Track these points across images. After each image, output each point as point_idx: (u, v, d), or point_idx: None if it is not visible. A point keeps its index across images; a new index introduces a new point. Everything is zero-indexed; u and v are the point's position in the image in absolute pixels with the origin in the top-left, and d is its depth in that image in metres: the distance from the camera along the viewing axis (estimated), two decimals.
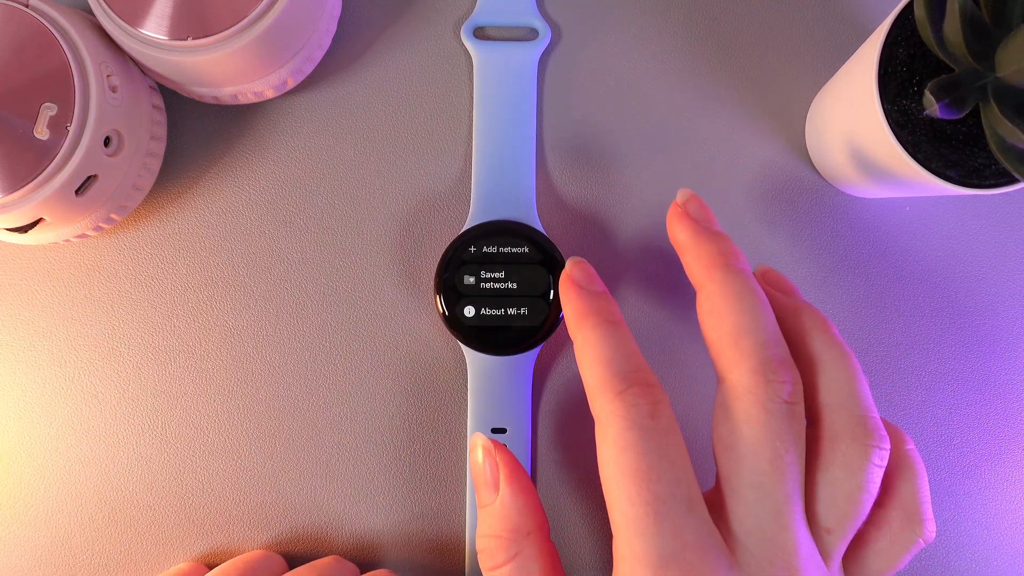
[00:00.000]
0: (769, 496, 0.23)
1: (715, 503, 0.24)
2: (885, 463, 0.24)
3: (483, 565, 0.26)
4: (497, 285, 0.31)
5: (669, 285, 0.34)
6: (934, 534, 0.25)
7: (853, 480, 0.24)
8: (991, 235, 0.35)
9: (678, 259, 0.34)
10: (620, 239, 0.34)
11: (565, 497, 0.34)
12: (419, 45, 0.35)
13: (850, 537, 0.24)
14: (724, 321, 0.25)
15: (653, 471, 0.22)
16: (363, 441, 0.34)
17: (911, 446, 0.26)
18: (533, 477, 0.34)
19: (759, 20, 0.35)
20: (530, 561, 0.25)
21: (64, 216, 0.30)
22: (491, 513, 0.26)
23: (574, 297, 0.27)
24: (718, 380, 0.25)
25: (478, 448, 0.27)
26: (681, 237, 0.27)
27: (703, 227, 0.27)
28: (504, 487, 0.26)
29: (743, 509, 0.23)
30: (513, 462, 0.26)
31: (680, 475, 0.22)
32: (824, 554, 0.24)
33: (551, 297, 0.31)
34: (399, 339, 0.34)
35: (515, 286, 0.31)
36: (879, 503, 0.25)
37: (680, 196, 0.28)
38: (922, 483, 0.26)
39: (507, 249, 0.32)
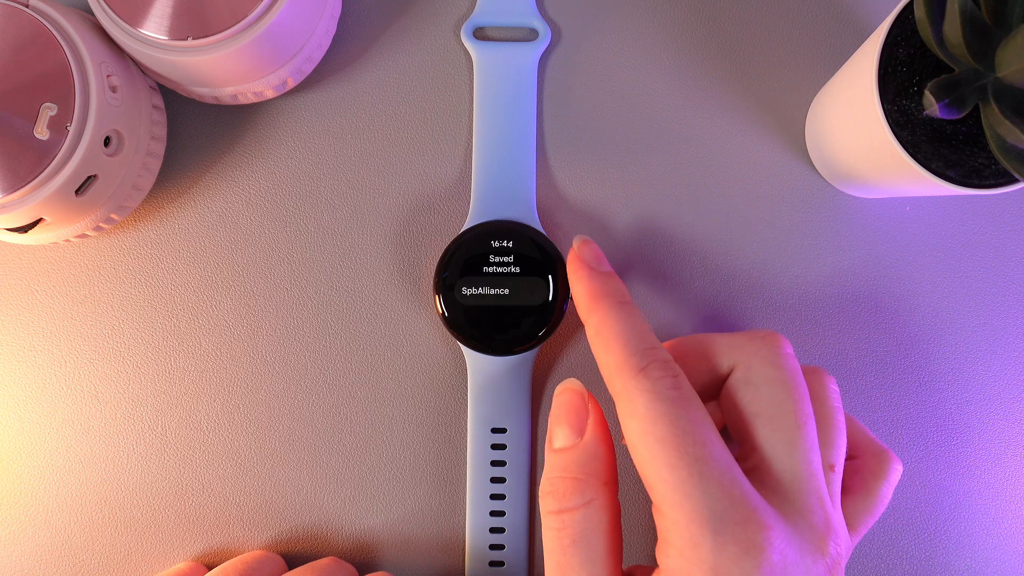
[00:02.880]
0: (802, 451, 0.25)
1: (747, 467, 0.25)
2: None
3: (548, 507, 0.25)
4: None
5: (669, 285, 0.34)
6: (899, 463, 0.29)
7: (834, 413, 0.27)
8: (991, 235, 0.35)
9: (678, 259, 0.34)
10: (620, 239, 0.34)
11: None
12: (419, 45, 0.35)
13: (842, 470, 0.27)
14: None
15: (688, 435, 0.23)
16: (363, 441, 0.34)
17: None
18: (533, 477, 0.34)
19: (759, 20, 0.35)
20: (601, 511, 0.25)
21: (64, 216, 0.30)
22: (568, 456, 0.26)
23: (585, 278, 0.28)
24: (718, 378, 0.27)
25: (570, 390, 0.27)
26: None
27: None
28: (593, 430, 0.26)
29: (779, 466, 0.24)
30: (602, 414, 0.27)
31: (713, 438, 0.23)
32: (831, 494, 0.25)
33: (550, 298, 0.31)
34: (399, 339, 0.34)
35: None
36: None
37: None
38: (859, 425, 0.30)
39: (506, 249, 0.32)
